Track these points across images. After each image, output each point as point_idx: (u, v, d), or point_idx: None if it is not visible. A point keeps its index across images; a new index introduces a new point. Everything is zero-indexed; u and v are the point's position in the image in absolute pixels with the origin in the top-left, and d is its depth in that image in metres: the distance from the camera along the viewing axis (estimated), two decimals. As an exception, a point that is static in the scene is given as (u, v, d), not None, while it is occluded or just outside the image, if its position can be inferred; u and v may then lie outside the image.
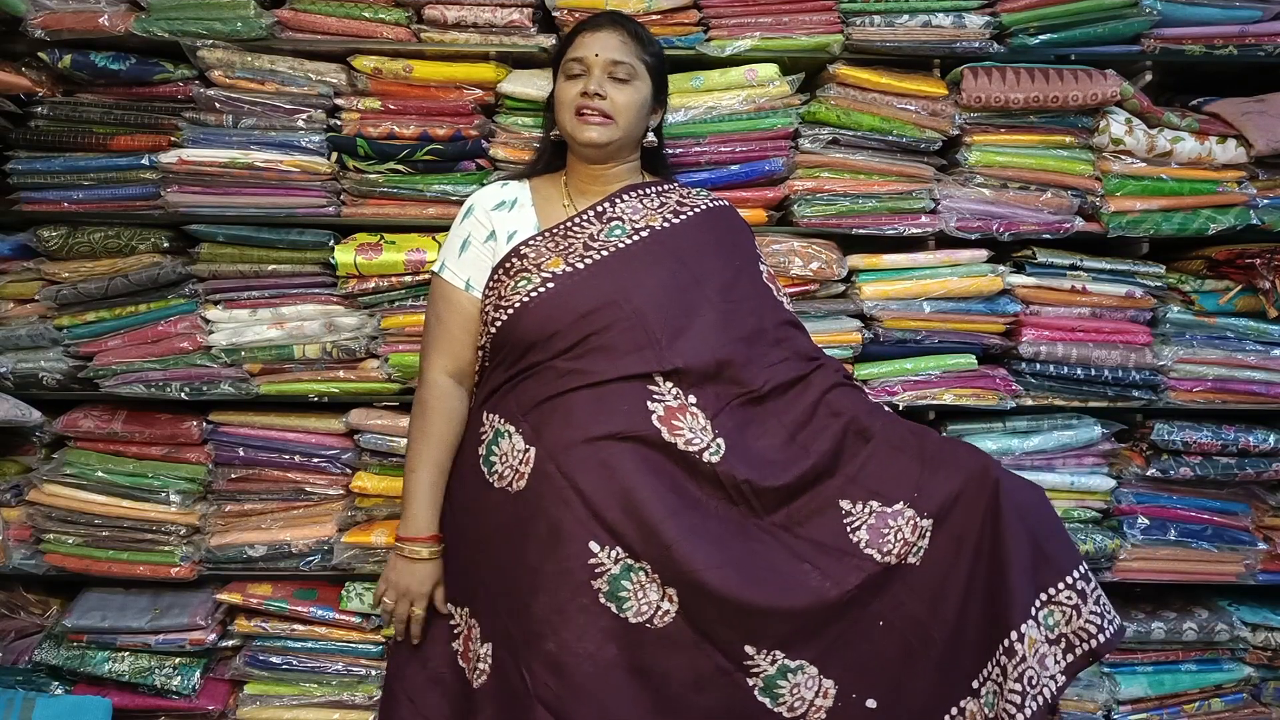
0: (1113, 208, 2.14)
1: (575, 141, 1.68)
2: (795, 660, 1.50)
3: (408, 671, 1.63)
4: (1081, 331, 2.17)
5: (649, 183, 1.75)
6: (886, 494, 1.54)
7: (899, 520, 1.53)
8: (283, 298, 2.12)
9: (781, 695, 1.50)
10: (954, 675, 1.52)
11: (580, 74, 1.65)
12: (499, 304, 1.61)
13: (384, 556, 2.15)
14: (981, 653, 1.50)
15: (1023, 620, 1.46)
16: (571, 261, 1.60)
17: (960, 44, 2.10)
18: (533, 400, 1.55)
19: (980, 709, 1.50)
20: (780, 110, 2.12)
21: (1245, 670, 2.29)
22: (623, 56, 1.66)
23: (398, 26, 2.08)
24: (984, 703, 1.50)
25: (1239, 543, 2.23)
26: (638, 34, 1.70)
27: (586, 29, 1.69)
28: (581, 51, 1.66)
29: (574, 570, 1.47)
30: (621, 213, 1.68)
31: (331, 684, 2.21)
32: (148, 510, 2.15)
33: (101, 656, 2.16)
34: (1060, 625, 1.49)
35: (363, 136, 2.06)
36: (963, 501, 1.52)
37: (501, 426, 1.58)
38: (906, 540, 1.52)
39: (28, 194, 2.09)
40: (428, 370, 1.69)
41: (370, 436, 2.15)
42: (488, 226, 1.69)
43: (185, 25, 2.02)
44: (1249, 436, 2.17)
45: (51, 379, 2.15)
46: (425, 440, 1.64)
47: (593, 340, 1.54)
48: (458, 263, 1.68)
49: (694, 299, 1.58)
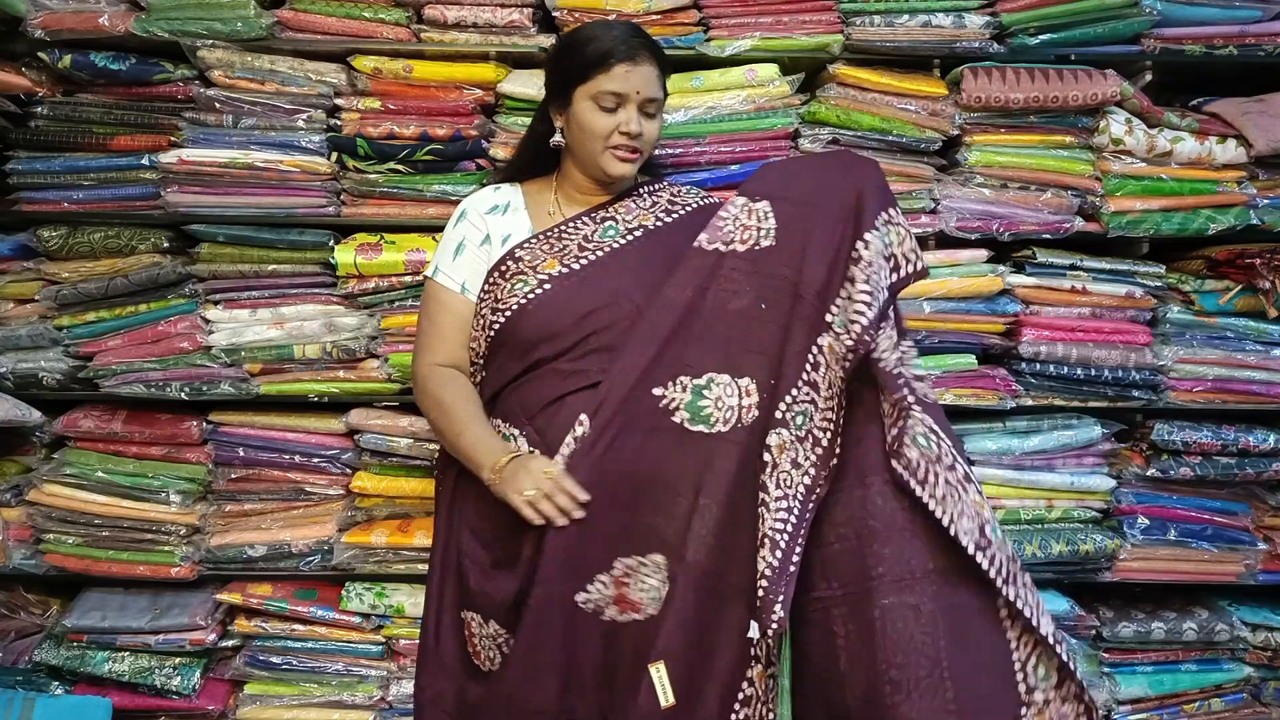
0: (1113, 208, 2.14)
1: (605, 173, 1.67)
2: (703, 376, 1.50)
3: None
4: (1081, 331, 2.17)
5: (641, 183, 1.76)
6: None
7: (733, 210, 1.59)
8: (283, 298, 2.12)
9: (710, 414, 1.49)
10: (814, 317, 1.51)
11: (615, 108, 1.63)
12: (496, 306, 1.61)
13: (384, 556, 2.15)
14: (835, 275, 1.51)
15: (869, 229, 1.50)
16: (567, 262, 1.61)
17: (960, 44, 2.10)
18: (537, 403, 1.56)
19: (834, 338, 1.49)
20: (780, 110, 2.12)
21: (1245, 670, 2.29)
22: (656, 93, 1.66)
23: (398, 26, 2.08)
24: (836, 325, 1.49)
25: (1239, 543, 2.23)
26: (662, 64, 1.68)
27: (622, 60, 1.60)
28: (622, 87, 1.61)
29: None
30: (615, 213, 1.69)
31: (331, 684, 2.21)
32: (148, 510, 2.15)
33: (101, 656, 2.16)
34: (894, 245, 1.54)
35: (363, 136, 2.06)
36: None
37: (507, 431, 1.59)
38: (745, 225, 1.56)
39: (28, 194, 2.09)
40: (419, 366, 1.69)
41: (370, 436, 2.15)
42: (482, 230, 1.69)
43: (185, 25, 2.02)
44: (1249, 436, 2.17)
45: (51, 379, 2.15)
46: (447, 406, 1.61)
47: (593, 340, 1.55)
48: (452, 266, 1.68)
49: None
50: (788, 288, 1.51)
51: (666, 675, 1.44)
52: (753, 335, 1.51)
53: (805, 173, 1.65)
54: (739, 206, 1.59)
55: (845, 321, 1.48)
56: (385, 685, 2.22)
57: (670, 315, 1.53)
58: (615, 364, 1.51)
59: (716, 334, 1.52)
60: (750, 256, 1.55)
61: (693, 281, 1.54)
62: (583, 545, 1.46)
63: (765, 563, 1.41)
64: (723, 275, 1.54)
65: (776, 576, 1.40)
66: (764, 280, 1.53)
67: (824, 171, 1.63)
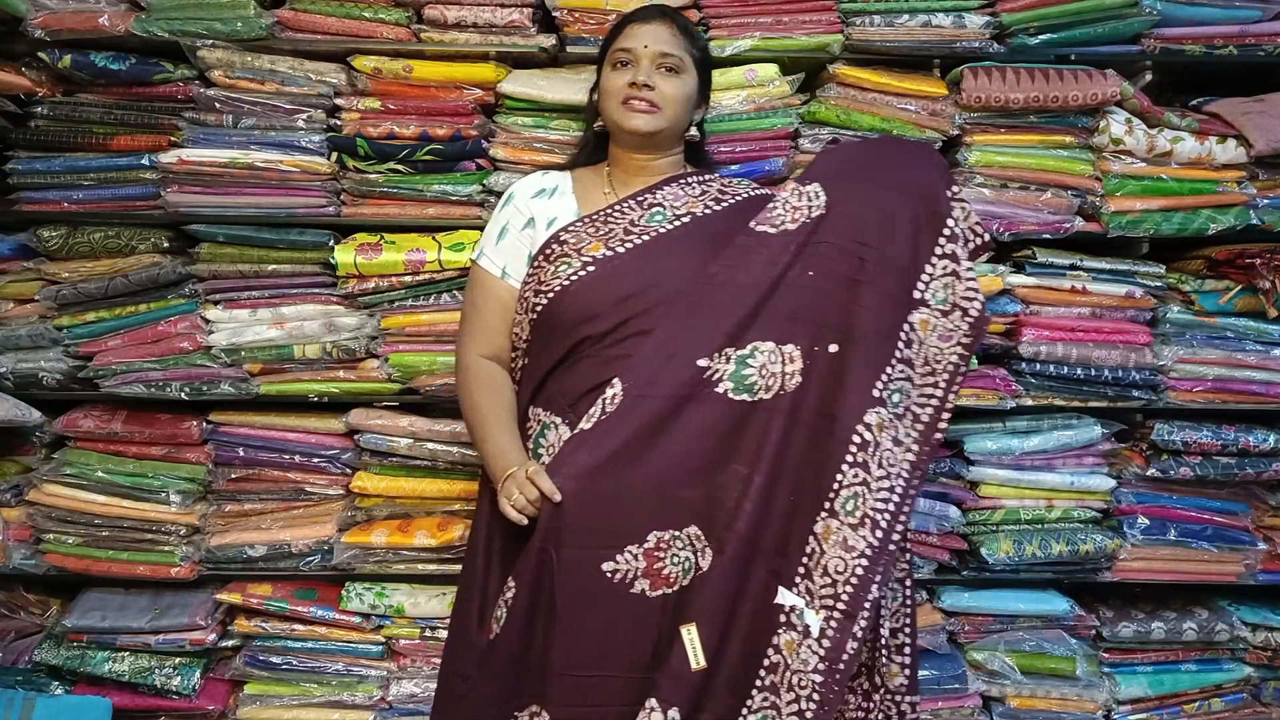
0: (1113, 207, 2.13)
1: (621, 130, 1.68)
2: (746, 346, 1.51)
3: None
4: (1081, 331, 2.17)
5: (691, 173, 1.77)
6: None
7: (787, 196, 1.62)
8: (283, 298, 2.12)
9: (754, 382, 1.50)
10: (897, 290, 1.52)
11: (628, 64, 1.67)
12: (539, 289, 1.63)
13: (384, 556, 2.15)
14: (920, 253, 1.53)
15: (948, 208, 1.53)
16: (612, 246, 1.61)
17: (960, 44, 2.10)
18: (577, 391, 1.57)
19: (930, 313, 1.52)
20: (780, 110, 2.12)
21: (1245, 670, 2.29)
22: (672, 49, 1.67)
23: (398, 26, 2.08)
24: (934, 302, 1.52)
25: (1239, 543, 2.23)
26: (686, 28, 1.72)
27: (636, 20, 1.70)
28: (630, 43, 1.67)
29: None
30: (663, 199, 1.69)
31: (331, 684, 2.21)
32: (148, 510, 2.15)
33: (101, 656, 2.16)
34: (961, 220, 1.56)
35: (363, 136, 2.06)
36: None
37: (547, 419, 1.60)
38: (795, 206, 1.57)
39: (28, 194, 2.09)
40: (463, 355, 1.71)
41: (370, 436, 2.15)
42: (526, 214, 1.70)
43: (185, 25, 2.02)
44: (1249, 436, 2.17)
45: (51, 379, 2.15)
46: (480, 412, 1.64)
47: (632, 324, 1.56)
48: (495, 250, 1.70)
49: None
50: (845, 258, 1.52)
51: (699, 638, 1.45)
52: (800, 302, 1.52)
53: (858, 154, 1.69)
54: (789, 191, 1.61)
55: (950, 299, 1.51)
56: (385, 685, 2.22)
57: (716, 290, 1.54)
58: (656, 336, 1.53)
59: (766, 305, 1.52)
60: (800, 233, 1.56)
61: (740, 259, 1.56)
62: (610, 514, 1.47)
63: (865, 542, 1.44)
64: (770, 251, 1.55)
65: (876, 555, 1.43)
66: (812, 250, 1.54)
67: (879, 151, 1.67)
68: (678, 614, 1.48)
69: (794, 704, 1.45)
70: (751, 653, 1.48)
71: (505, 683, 1.51)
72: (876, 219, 1.53)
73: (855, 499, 1.47)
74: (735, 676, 1.47)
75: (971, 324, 1.51)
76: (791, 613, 1.47)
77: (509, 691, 1.51)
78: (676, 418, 1.49)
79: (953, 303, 1.52)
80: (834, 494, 1.48)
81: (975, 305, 1.51)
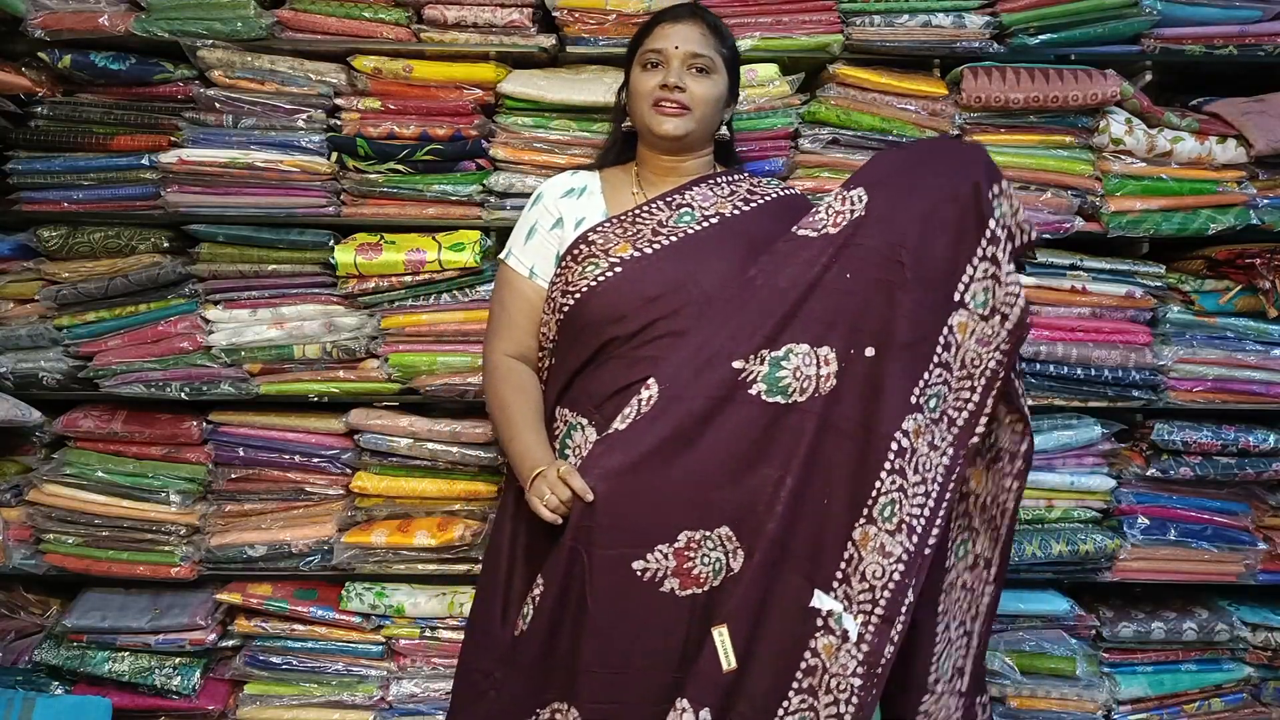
0: (1113, 207, 2.13)
1: (651, 133, 1.68)
2: (781, 348, 1.50)
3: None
4: (1081, 331, 2.17)
5: (720, 173, 1.76)
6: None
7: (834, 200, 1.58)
8: (283, 298, 2.12)
9: (788, 384, 1.49)
10: (936, 293, 1.51)
11: (658, 65, 1.66)
12: (566, 289, 1.62)
13: (384, 556, 2.15)
14: (959, 256, 1.51)
15: (990, 210, 1.50)
16: (640, 247, 1.61)
17: (960, 44, 2.10)
18: (604, 392, 1.57)
19: (969, 316, 1.50)
20: (780, 110, 2.12)
21: (1245, 670, 2.29)
22: (703, 49, 1.66)
23: (398, 26, 2.08)
24: (973, 305, 1.50)
25: (1239, 543, 2.23)
26: (716, 26, 1.71)
27: (666, 20, 1.69)
28: (661, 43, 1.66)
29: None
30: (691, 200, 1.68)
31: (331, 684, 2.21)
32: (148, 510, 2.15)
33: (101, 656, 2.16)
34: (1008, 217, 1.53)
35: (363, 136, 2.06)
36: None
37: (574, 420, 1.60)
38: (838, 210, 1.55)
39: (28, 194, 2.09)
40: (491, 354, 1.71)
41: (370, 436, 2.15)
42: (554, 214, 1.70)
43: (185, 25, 2.02)
44: (1249, 436, 2.17)
45: (51, 379, 2.15)
46: (508, 411, 1.64)
47: (660, 325, 1.56)
48: (523, 250, 1.70)
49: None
50: (883, 261, 1.50)
51: (729, 639, 1.45)
52: (836, 305, 1.51)
53: (903, 157, 1.67)
54: (833, 196, 1.59)
55: (990, 303, 1.50)
56: (385, 685, 2.22)
57: (755, 293, 1.53)
58: (691, 338, 1.52)
59: (803, 308, 1.51)
60: (840, 236, 1.53)
61: (779, 262, 1.54)
62: (642, 515, 1.46)
63: (902, 548, 1.45)
64: (809, 254, 1.53)
65: (911, 560, 1.44)
66: (851, 253, 1.52)
67: (924, 153, 1.65)
68: (708, 615, 1.48)
69: (832, 706, 1.46)
70: (786, 655, 1.48)
71: (531, 679, 1.51)
72: (916, 222, 1.51)
73: (893, 505, 1.47)
74: (768, 678, 1.47)
75: (1011, 330, 1.50)
76: (829, 617, 1.47)
77: (534, 688, 1.51)
78: (711, 420, 1.48)
79: (992, 307, 1.51)
80: (873, 501, 1.48)
81: (1016, 310, 1.49)
